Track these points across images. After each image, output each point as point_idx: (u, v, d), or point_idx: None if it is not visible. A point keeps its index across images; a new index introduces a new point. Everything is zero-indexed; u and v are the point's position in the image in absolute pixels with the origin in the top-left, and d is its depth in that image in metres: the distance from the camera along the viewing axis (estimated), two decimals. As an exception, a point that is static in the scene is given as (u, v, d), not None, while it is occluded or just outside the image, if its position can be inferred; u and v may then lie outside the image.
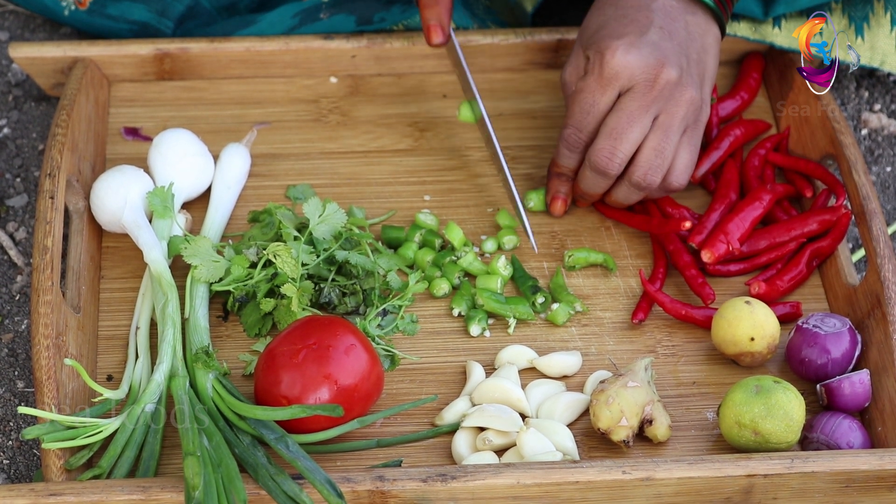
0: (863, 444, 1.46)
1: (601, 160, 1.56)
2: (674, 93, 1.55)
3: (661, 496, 1.39)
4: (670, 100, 1.55)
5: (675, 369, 1.53)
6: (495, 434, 1.45)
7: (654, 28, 1.55)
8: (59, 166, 1.56)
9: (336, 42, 1.74)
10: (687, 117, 1.56)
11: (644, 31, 1.55)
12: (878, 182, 1.74)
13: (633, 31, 1.55)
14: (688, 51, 1.57)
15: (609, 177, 1.57)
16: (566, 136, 1.59)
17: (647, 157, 1.56)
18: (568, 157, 1.61)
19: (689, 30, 1.58)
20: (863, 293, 1.54)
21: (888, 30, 1.72)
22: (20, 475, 1.49)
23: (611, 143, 1.55)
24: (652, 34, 1.55)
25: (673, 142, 1.56)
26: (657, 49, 1.54)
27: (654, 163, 1.56)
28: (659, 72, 1.54)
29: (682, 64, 1.55)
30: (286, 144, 1.71)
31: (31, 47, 1.71)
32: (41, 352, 1.43)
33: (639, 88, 1.54)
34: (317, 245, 1.55)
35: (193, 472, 1.34)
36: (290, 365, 1.42)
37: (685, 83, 1.55)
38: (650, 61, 1.54)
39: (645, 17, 1.56)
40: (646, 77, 1.54)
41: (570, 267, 1.60)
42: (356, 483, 1.37)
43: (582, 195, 1.63)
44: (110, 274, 1.59)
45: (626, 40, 1.54)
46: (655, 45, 1.54)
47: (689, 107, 1.56)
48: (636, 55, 1.54)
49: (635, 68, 1.54)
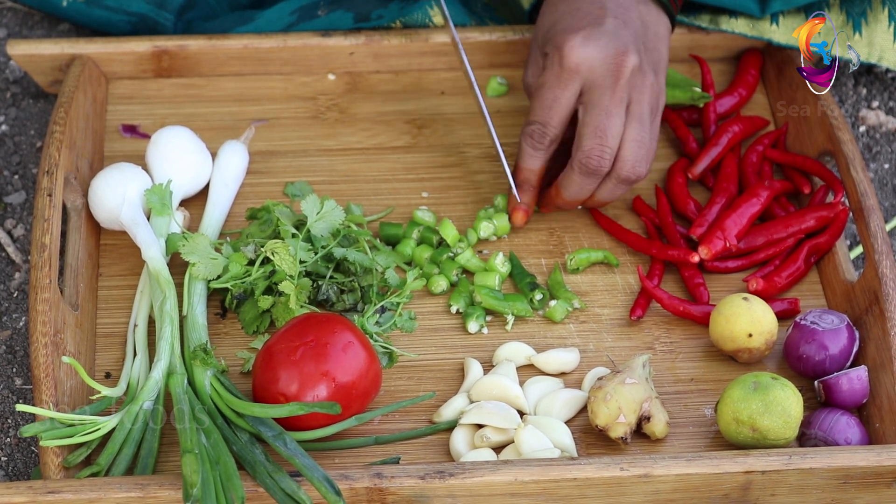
0: (860, 441, 1.46)
1: (593, 160, 1.54)
2: (637, 80, 1.54)
3: (659, 493, 1.40)
4: (635, 88, 1.55)
5: (673, 366, 1.53)
6: (493, 431, 1.45)
7: (609, 18, 1.55)
8: (57, 163, 1.56)
9: (334, 39, 1.74)
10: (652, 104, 1.56)
11: (600, 23, 1.54)
12: (876, 179, 1.74)
13: (588, 23, 1.55)
14: (644, 39, 1.56)
15: (599, 176, 1.55)
16: (530, 132, 1.57)
17: (631, 150, 1.55)
18: (532, 157, 1.58)
19: (643, 19, 1.57)
20: (861, 290, 1.54)
21: (886, 25, 1.72)
22: (18, 473, 1.49)
23: (598, 141, 1.54)
24: (608, 24, 1.55)
25: (648, 130, 1.55)
26: (615, 38, 1.54)
27: (639, 154, 1.55)
28: (621, 60, 1.53)
29: (640, 51, 1.55)
30: (284, 141, 1.71)
31: (28, 44, 1.71)
32: (39, 349, 1.43)
33: (605, 81, 1.53)
34: (315, 242, 1.55)
35: (191, 470, 1.34)
36: (288, 362, 1.42)
37: (646, 69, 1.55)
38: (610, 51, 1.53)
39: (598, 10, 1.55)
40: (608, 68, 1.53)
41: (573, 270, 1.60)
42: (354, 480, 1.37)
43: (563, 203, 1.60)
44: (108, 271, 1.59)
45: (584, 32, 1.54)
46: (613, 34, 1.54)
47: (651, 93, 1.55)
48: (594, 46, 1.53)
49: (595, 59, 1.53)
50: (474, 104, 1.72)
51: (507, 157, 1.64)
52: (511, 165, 1.63)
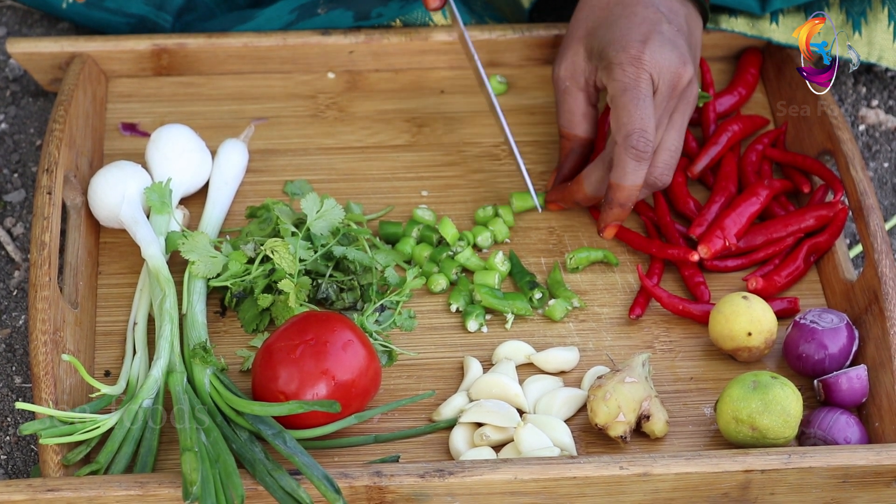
0: (860, 440, 1.46)
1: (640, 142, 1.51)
2: (687, 91, 1.56)
3: (659, 492, 1.40)
4: (683, 99, 1.56)
5: (673, 365, 1.53)
6: (493, 430, 1.45)
7: (664, 24, 1.55)
8: (56, 162, 1.56)
9: (333, 38, 1.74)
10: (691, 114, 1.59)
11: (659, 28, 1.55)
12: (876, 178, 1.74)
13: (649, 27, 1.55)
14: (692, 46, 1.58)
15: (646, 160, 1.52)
16: (635, 143, 1.51)
17: (664, 158, 1.56)
18: (636, 171, 1.52)
19: (689, 23, 1.58)
20: (860, 289, 1.54)
21: (886, 25, 1.72)
22: (18, 471, 1.49)
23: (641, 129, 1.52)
24: (666, 30, 1.55)
25: (681, 139, 1.57)
26: (676, 47, 1.55)
27: (670, 163, 1.56)
28: (682, 72, 1.54)
29: (694, 62, 1.57)
30: (284, 140, 1.71)
31: (28, 43, 1.71)
32: (39, 347, 1.43)
33: (664, 89, 1.54)
34: (314, 241, 1.55)
35: (191, 468, 1.34)
36: (288, 360, 1.42)
37: (694, 80, 1.57)
38: (675, 60, 1.54)
39: (654, 13, 1.56)
40: (671, 76, 1.54)
41: (572, 269, 1.60)
42: (354, 479, 1.37)
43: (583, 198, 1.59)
44: (108, 269, 1.59)
45: (654, 39, 1.53)
46: (674, 42, 1.55)
47: (693, 103, 1.58)
48: (663, 53, 1.53)
49: (663, 66, 1.53)
50: (476, 102, 1.72)
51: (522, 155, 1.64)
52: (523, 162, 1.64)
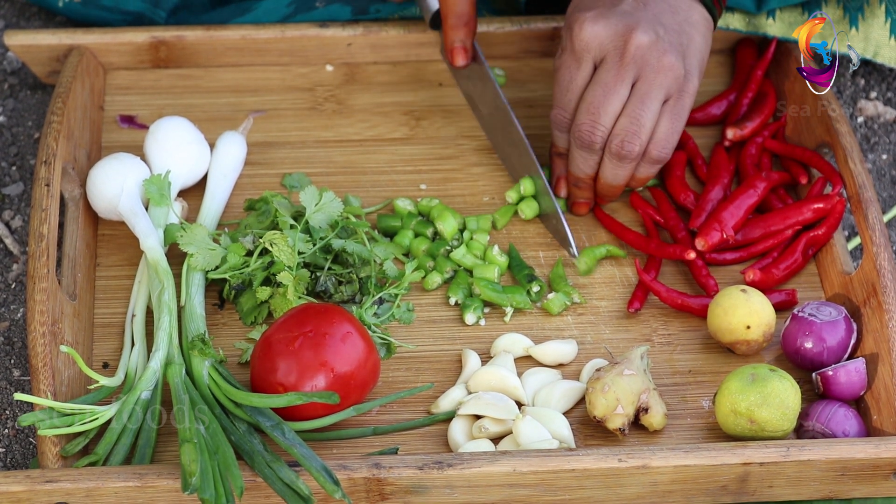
0: (858, 433, 1.46)
1: (584, 135, 1.55)
2: (648, 58, 1.52)
3: (657, 484, 1.40)
4: (645, 66, 1.53)
5: (671, 358, 1.53)
6: (491, 422, 1.45)
7: (628, 1, 1.55)
8: (54, 154, 1.56)
9: (332, 30, 1.74)
10: (667, 84, 1.54)
11: (616, 4, 1.54)
12: (874, 170, 1.74)
13: (604, 3, 1.54)
14: (664, 19, 1.55)
15: (594, 151, 1.56)
16: (553, 117, 1.59)
17: (622, 124, 1.54)
18: (560, 138, 1.61)
19: (671, 3, 1.56)
20: (858, 281, 1.54)
21: (882, 21, 1.72)
22: (16, 463, 1.49)
23: (590, 117, 1.54)
24: (625, 5, 1.54)
25: (651, 109, 1.53)
26: (627, 17, 1.53)
27: (630, 129, 1.53)
28: (628, 37, 1.52)
29: (656, 30, 1.53)
30: (282, 133, 1.71)
31: (26, 35, 1.71)
32: (37, 339, 1.43)
33: (610, 58, 1.53)
34: (313, 233, 1.55)
35: (190, 459, 1.34)
36: (287, 352, 1.42)
37: (662, 48, 1.52)
38: (619, 28, 1.52)
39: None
40: (615, 45, 1.52)
41: (584, 272, 1.59)
42: (352, 470, 1.37)
43: (575, 181, 1.61)
44: (106, 261, 1.59)
45: (596, 12, 1.53)
46: (626, 13, 1.53)
47: (668, 73, 1.53)
48: (604, 24, 1.53)
49: (604, 37, 1.52)
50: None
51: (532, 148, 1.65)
52: None
